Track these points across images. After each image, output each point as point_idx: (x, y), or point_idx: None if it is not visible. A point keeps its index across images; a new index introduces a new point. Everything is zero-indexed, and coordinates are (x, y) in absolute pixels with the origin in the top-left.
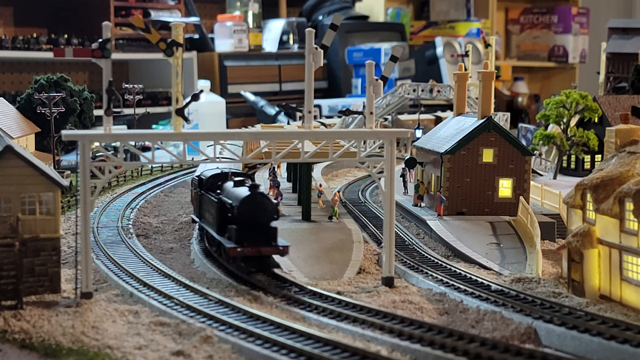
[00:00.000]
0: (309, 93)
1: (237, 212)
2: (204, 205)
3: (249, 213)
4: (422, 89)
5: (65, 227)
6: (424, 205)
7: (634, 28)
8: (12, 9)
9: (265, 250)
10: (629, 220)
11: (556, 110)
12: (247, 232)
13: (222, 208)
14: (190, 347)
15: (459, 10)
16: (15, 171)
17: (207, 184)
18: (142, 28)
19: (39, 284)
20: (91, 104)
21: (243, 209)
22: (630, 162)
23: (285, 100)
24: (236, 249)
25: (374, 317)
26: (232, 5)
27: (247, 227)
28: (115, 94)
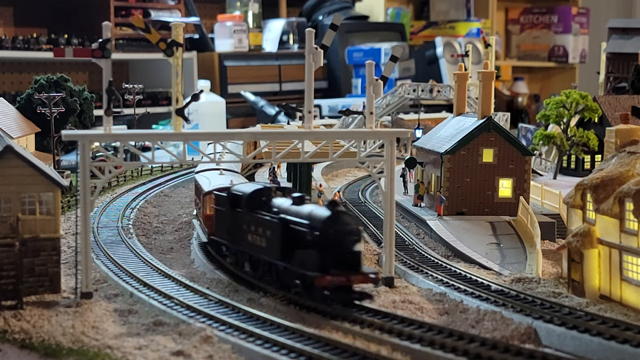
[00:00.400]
0: (309, 93)
1: (321, 234)
2: (245, 226)
3: (334, 235)
4: (422, 89)
5: (65, 227)
6: (424, 205)
7: (634, 28)
8: (12, 9)
9: (355, 278)
10: (629, 220)
11: (556, 110)
12: (331, 258)
13: (286, 229)
14: (190, 347)
15: (459, 10)
16: (15, 171)
17: (249, 201)
18: (142, 28)
19: (39, 284)
20: (91, 104)
21: (327, 230)
22: (630, 162)
23: (285, 100)
24: (325, 277)
25: (374, 317)
26: (232, 5)
27: (331, 252)
28: (115, 94)
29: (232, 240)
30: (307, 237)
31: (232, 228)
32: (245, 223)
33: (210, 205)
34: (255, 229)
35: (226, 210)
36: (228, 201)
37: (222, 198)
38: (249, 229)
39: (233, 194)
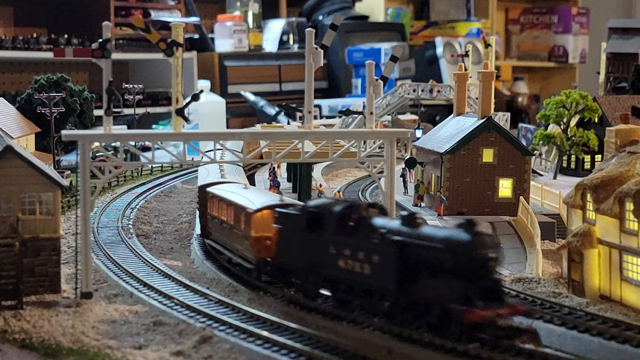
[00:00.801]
0: (309, 93)
1: (463, 260)
2: (333, 249)
3: (478, 261)
4: (422, 89)
5: (65, 227)
6: (424, 205)
7: (634, 28)
8: (12, 9)
9: (504, 311)
10: (629, 220)
11: (556, 110)
12: (475, 288)
13: (403, 254)
14: (190, 347)
15: (459, 10)
16: (15, 171)
17: (339, 221)
18: (142, 28)
19: (39, 284)
20: (91, 104)
21: (471, 256)
22: (630, 162)
23: (285, 100)
24: (475, 311)
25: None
26: (232, 5)
27: (475, 281)
28: (115, 94)
29: (309, 266)
30: (440, 263)
31: (308, 252)
32: (334, 246)
33: (264, 226)
34: (352, 254)
35: (299, 232)
36: (303, 221)
37: (291, 217)
38: (340, 253)
39: (312, 213)
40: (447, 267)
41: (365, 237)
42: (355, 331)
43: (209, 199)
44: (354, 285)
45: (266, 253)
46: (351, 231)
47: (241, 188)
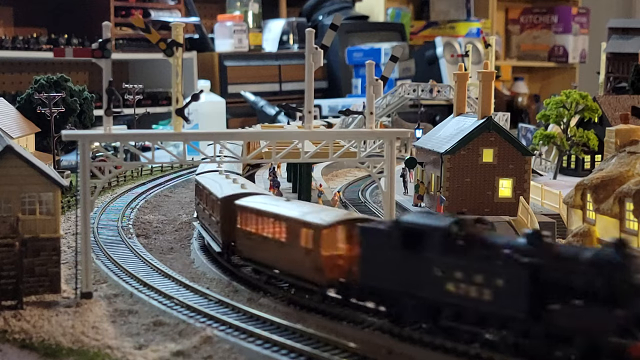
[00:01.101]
0: (309, 93)
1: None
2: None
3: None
4: (422, 89)
5: (65, 227)
6: (424, 205)
7: (634, 28)
8: (12, 9)
9: None
10: (629, 220)
11: (556, 110)
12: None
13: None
14: (190, 347)
15: (459, 10)
16: (15, 171)
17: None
18: (142, 28)
19: (39, 284)
20: (91, 104)
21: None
22: (630, 162)
23: (285, 100)
24: None
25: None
26: (232, 5)
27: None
28: (115, 94)
29: (405, 288)
30: (588, 288)
31: (403, 273)
32: (440, 268)
33: (335, 243)
34: (466, 277)
35: (390, 250)
36: (396, 238)
37: (379, 234)
38: (449, 275)
39: (409, 229)
40: (598, 292)
41: (484, 258)
42: (355, 331)
43: (240, 213)
44: (466, 312)
45: (339, 273)
46: (462, 251)
47: (281, 200)
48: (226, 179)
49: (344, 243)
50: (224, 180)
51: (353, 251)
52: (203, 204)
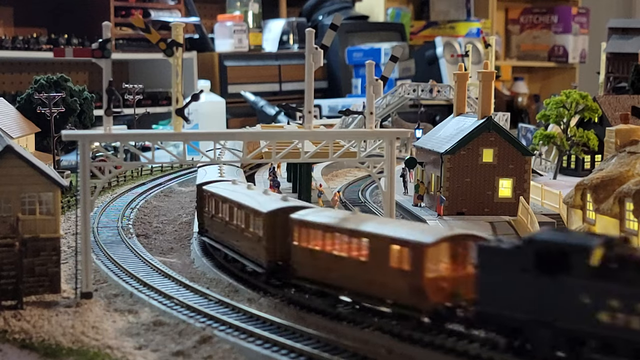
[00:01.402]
0: (309, 93)
1: None
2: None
3: None
4: (422, 89)
5: (65, 227)
6: (424, 205)
7: (634, 28)
8: (12, 9)
9: None
10: (629, 220)
11: (556, 110)
12: None
13: None
14: (190, 347)
15: (459, 10)
16: (15, 171)
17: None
18: (142, 28)
19: (39, 284)
20: (91, 104)
21: None
22: (630, 162)
23: (285, 100)
24: None
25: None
26: (232, 5)
27: None
28: (115, 94)
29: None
30: None
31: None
32: (590, 294)
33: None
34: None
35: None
36: (527, 259)
37: (503, 254)
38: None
39: (545, 249)
40: None
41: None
42: (355, 331)
43: (298, 229)
44: (623, 345)
45: (443, 297)
46: (616, 275)
47: (350, 214)
48: (253, 190)
49: (449, 263)
50: (253, 191)
51: (461, 272)
52: (222, 217)
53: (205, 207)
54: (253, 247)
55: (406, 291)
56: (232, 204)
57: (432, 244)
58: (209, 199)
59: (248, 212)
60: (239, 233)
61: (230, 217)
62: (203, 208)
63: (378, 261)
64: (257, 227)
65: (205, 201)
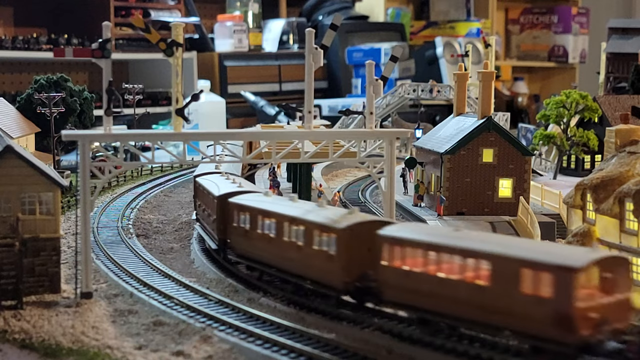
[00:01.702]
0: (309, 93)
1: None
2: None
3: None
4: (422, 89)
5: (65, 227)
6: (424, 205)
7: (634, 28)
8: (12, 9)
9: None
10: (629, 220)
11: (556, 110)
12: None
13: None
14: (190, 347)
15: (459, 10)
16: (15, 171)
17: None
18: (142, 28)
19: (39, 284)
20: (91, 104)
21: None
22: (630, 162)
23: (285, 100)
24: None
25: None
26: (232, 5)
27: None
28: (115, 94)
29: None
30: None
31: None
32: None
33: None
34: None
35: None
36: None
37: None
38: None
39: None
40: None
41: None
42: (355, 331)
43: (389, 247)
44: None
45: (593, 329)
46: None
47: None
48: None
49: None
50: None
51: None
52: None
53: (234, 222)
54: (320, 267)
55: (547, 322)
56: (281, 217)
57: (583, 268)
58: (240, 212)
59: (311, 227)
60: (295, 251)
61: (279, 233)
62: (229, 222)
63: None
64: (329, 245)
65: (232, 214)
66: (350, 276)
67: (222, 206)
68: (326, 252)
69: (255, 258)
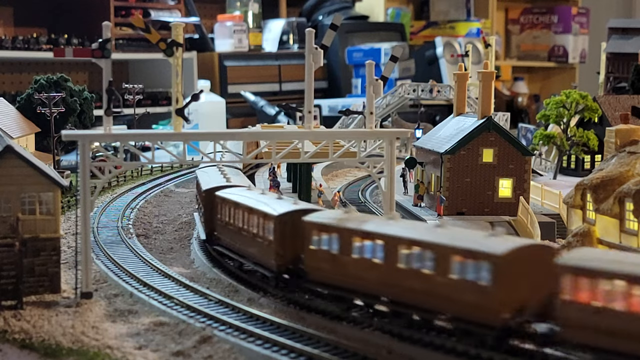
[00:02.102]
0: (309, 93)
1: None
2: None
3: None
4: (422, 89)
5: (65, 227)
6: (424, 205)
7: (634, 28)
8: (12, 9)
9: None
10: (629, 220)
11: (556, 110)
12: None
13: None
14: (190, 347)
15: (459, 10)
16: (15, 171)
17: None
18: (142, 28)
19: (39, 284)
20: (91, 104)
21: None
22: (630, 162)
23: (285, 100)
24: None
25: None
26: (232, 5)
27: None
28: (115, 94)
29: None
30: None
31: None
32: None
33: None
34: None
35: None
36: None
37: None
38: None
39: None
40: None
41: None
42: (355, 331)
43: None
44: None
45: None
46: None
47: None
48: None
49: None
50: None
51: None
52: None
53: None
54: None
55: None
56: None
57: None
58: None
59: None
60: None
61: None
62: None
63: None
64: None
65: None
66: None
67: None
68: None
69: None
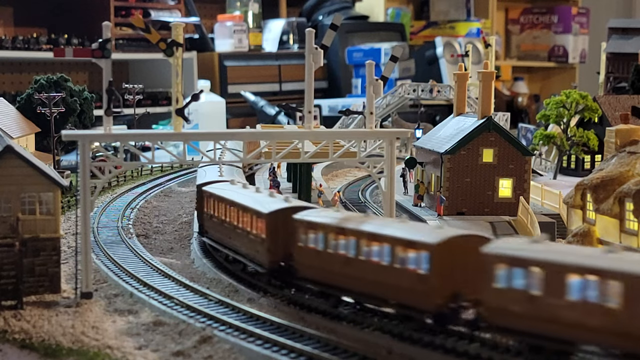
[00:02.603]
0: (309, 93)
1: None
2: None
3: None
4: (422, 89)
5: (65, 227)
6: (424, 205)
7: (634, 28)
8: (12, 9)
9: None
10: (629, 220)
11: (556, 110)
12: None
13: None
14: (190, 347)
15: (459, 10)
16: (15, 171)
17: None
18: (142, 28)
19: (39, 284)
20: (91, 104)
21: None
22: (630, 162)
23: (285, 100)
24: None
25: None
26: (232, 5)
27: None
28: (115, 94)
29: None
30: None
31: None
32: None
33: None
34: None
35: None
36: None
37: None
38: None
39: None
40: None
41: None
42: (355, 331)
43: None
44: None
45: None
46: None
47: None
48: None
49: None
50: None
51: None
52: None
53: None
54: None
55: None
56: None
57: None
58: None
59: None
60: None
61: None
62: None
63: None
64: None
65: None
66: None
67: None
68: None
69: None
